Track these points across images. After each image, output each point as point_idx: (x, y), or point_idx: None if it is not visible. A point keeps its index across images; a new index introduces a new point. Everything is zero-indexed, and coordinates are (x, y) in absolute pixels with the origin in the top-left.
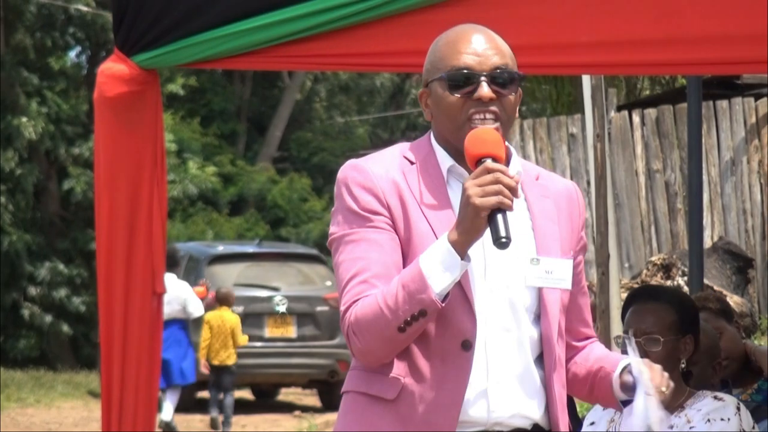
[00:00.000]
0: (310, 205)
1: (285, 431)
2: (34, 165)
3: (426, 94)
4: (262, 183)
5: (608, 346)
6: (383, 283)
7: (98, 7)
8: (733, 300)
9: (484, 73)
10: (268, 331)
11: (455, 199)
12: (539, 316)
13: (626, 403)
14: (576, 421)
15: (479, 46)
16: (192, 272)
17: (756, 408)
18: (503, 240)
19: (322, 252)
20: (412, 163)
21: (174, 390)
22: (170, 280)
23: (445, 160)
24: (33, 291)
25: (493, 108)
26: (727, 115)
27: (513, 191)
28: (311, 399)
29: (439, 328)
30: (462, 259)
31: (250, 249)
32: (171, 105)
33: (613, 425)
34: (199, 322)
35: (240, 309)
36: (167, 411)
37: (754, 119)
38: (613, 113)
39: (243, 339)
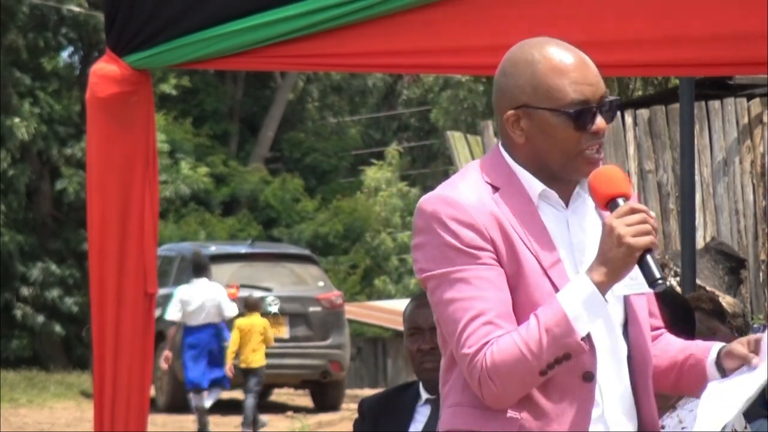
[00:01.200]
0: (302, 206)
1: (277, 431)
2: (26, 165)
3: (518, 117)
4: (255, 183)
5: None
6: (507, 322)
7: (91, 7)
8: (726, 300)
9: (596, 105)
10: None
11: (548, 225)
12: (625, 325)
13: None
14: None
15: (588, 73)
16: (184, 273)
17: (749, 408)
18: (659, 282)
19: (315, 252)
20: (496, 189)
21: (214, 390)
22: (202, 284)
23: (534, 184)
24: (25, 291)
25: (602, 138)
26: (719, 116)
27: (655, 231)
28: (304, 399)
29: None
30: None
31: (242, 249)
32: (163, 105)
33: None
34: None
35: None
36: (209, 400)
37: (746, 120)
38: None
39: (270, 338)
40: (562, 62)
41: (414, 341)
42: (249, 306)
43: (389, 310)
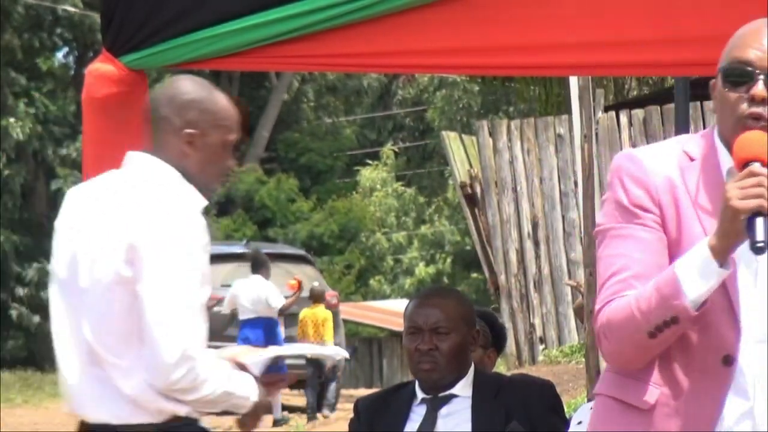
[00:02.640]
0: (297, 206)
1: (273, 431)
2: (21, 165)
3: (714, 85)
4: (250, 183)
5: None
6: (643, 284)
7: (86, 7)
8: None
9: (764, 71)
10: None
11: None
12: None
13: None
14: (563, 422)
15: (760, 40)
16: None
17: None
18: (759, 245)
19: (310, 252)
20: (692, 159)
21: None
22: (257, 280)
23: (726, 160)
24: (21, 291)
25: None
26: (714, 116)
27: None
28: (299, 399)
29: (702, 339)
30: (721, 266)
31: (237, 249)
32: None
33: None
34: (292, 316)
35: (227, 310)
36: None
37: None
38: (600, 114)
39: (330, 335)
40: (752, 28)
41: (413, 340)
42: (314, 297)
43: (384, 310)
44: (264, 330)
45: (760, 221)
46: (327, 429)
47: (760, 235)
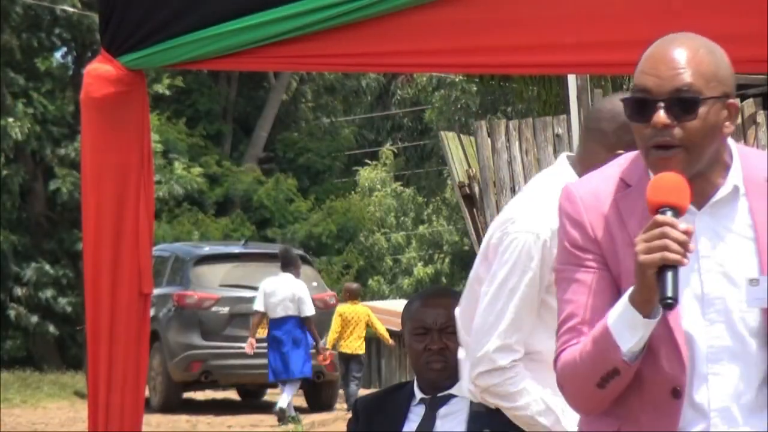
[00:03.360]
0: (296, 206)
1: (271, 431)
2: (20, 165)
3: None
4: (248, 183)
5: None
6: (590, 330)
7: (84, 7)
8: None
9: (663, 97)
10: None
11: None
12: None
13: None
14: None
15: (666, 64)
16: (177, 273)
17: None
18: (668, 301)
19: (308, 252)
20: (628, 185)
21: (293, 383)
22: (287, 279)
23: None
24: (19, 291)
25: (673, 135)
26: None
27: (684, 245)
28: (297, 399)
29: (650, 373)
30: (647, 316)
31: (236, 250)
32: (157, 106)
33: None
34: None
35: (226, 310)
36: (284, 399)
37: (740, 120)
38: None
39: (382, 327)
40: (650, 50)
41: (421, 340)
42: (351, 294)
43: (383, 311)
44: (294, 329)
45: (669, 276)
46: (325, 429)
47: (668, 291)
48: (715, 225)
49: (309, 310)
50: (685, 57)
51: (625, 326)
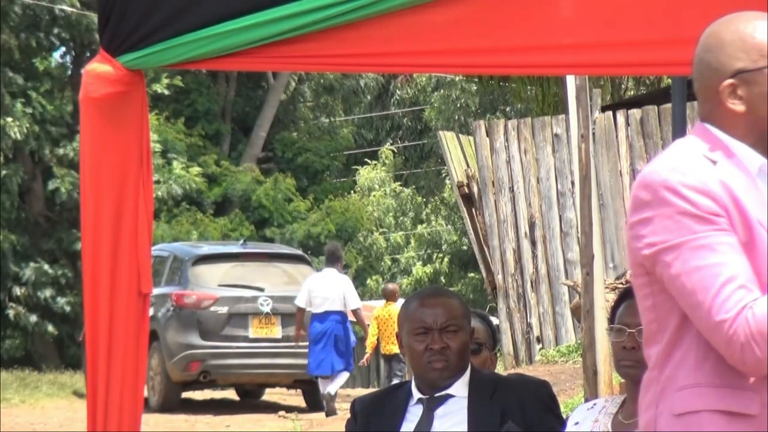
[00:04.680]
0: (294, 206)
1: (269, 431)
2: (18, 165)
3: (734, 85)
4: (247, 183)
5: (593, 345)
6: (756, 287)
7: (83, 7)
8: None
9: None
10: (253, 332)
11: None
12: None
13: None
14: (559, 422)
15: None
16: (176, 273)
17: None
18: None
19: (307, 252)
20: (713, 162)
21: (338, 376)
22: (330, 274)
23: (753, 157)
24: (18, 291)
25: None
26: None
27: None
28: (296, 399)
29: None
30: None
31: (234, 249)
32: (155, 105)
33: (597, 425)
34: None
35: (224, 309)
36: (334, 386)
37: None
38: (597, 114)
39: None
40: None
41: (422, 340)
42: (387, 295)
43: None
44: (336, 324)
45: None
46: (323, 429)
47: None
48: None
49: (355, 303)
50: None
51: None
